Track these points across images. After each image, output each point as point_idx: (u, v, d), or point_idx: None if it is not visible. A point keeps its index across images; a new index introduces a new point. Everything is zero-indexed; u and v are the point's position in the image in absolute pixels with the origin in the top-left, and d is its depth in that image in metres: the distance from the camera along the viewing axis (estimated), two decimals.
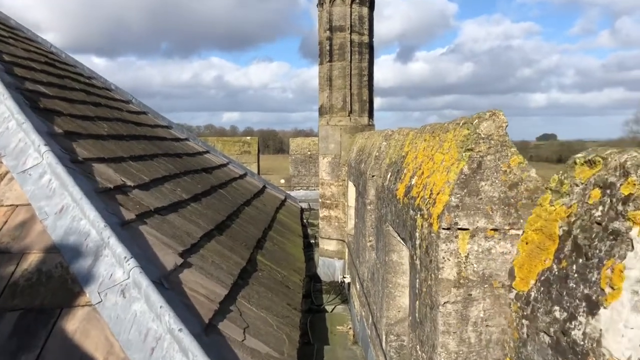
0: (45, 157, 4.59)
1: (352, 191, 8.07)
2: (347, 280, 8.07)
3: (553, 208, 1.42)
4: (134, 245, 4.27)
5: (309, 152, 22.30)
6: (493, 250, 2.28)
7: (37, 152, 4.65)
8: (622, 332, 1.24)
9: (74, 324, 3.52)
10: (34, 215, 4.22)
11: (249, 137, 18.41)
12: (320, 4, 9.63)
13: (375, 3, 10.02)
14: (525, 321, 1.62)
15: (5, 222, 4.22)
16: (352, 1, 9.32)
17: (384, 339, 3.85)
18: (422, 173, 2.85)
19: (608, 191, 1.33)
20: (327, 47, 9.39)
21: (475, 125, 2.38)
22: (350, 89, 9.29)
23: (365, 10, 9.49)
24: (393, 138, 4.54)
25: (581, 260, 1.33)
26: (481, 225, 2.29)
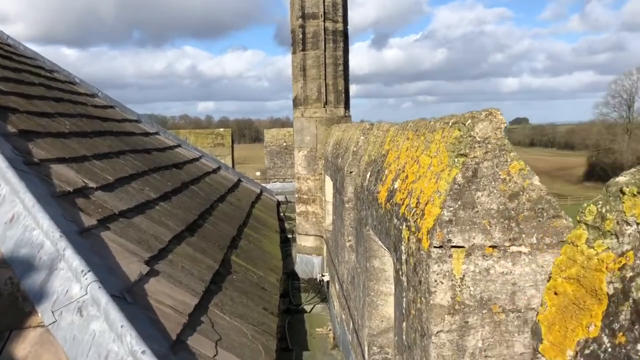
0: None
1: (329, 186, 7.79)
2: (326, 278, 7.82)
3: (593, 252, 1.14)
4: (94, 255, 3.94)
5: (284, 143, 21.86)
6: (492, 271, 2.02)
7: None
8: None
9: (24, 348, 3.19)
10: None
11: (222, 129, 17.95)
12: None
13: None
14: None
15: None
16: None
17: (366, 349, 3.60)
18: (407, 177, 2.57)
19: None
20: (300, 36, 9.04)
21: (468, 126, 2.10)
22: (325, 79, 8.97)
23: None
24: (372, 134, 4.27)
25: None
26: (478, 242, 2.03)
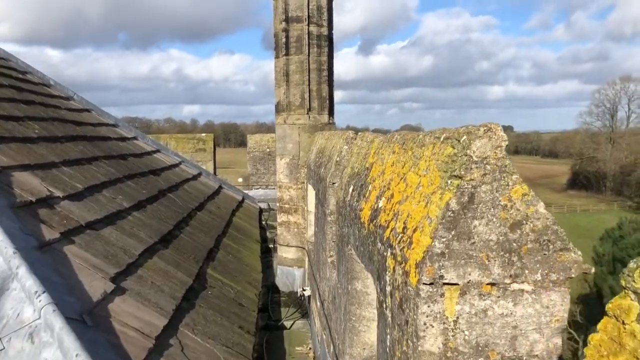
0: None
1: (311, 195, 7.52)
2: (307, 293, 7.53)
3: None
4: (53, 272, 3.62)
5: (268, 149, 21.47)
6: (490, 312, 1.76)
7: None
8: None
9: None
10: None
11: (204, 134, 17.57)
12: None
13: None
14: None
15: None
16: None
17: None
18: (392, 196, 2.31)
19: None
20: (284, 40, 8.76)
21: (464, 143, 1.84)
22: (309, 85, 8.69)
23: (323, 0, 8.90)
24: (355, 144, 4.01)
25: None
26: (474, 279, 1.76)
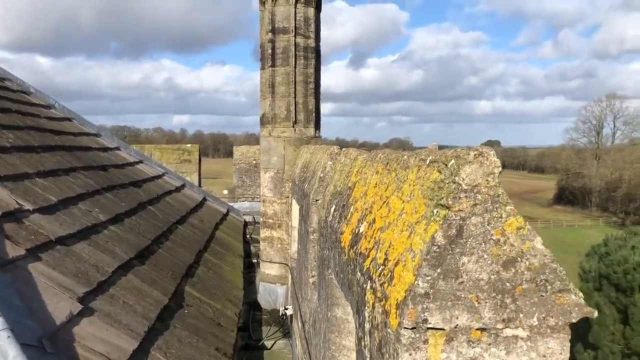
0: None
1: (296, 210, 7.33)
2: (290, 312, 7.32)
3: None
4: (14, 293, 3.40)
5: (254, 161, 21.24)
6: None
7: None
8: None
9: None
10: None
11: (189, 145, 17.35)
12: (262, 3, 8.84)
13: (324, 6, 9.35)
14: None
15: None
16: (297, 1, 8.57)
17: None
18: (374, 221, 2.13)
19: None
20: (270, 51, 8.60)
21: (452, 169, 1.66)
22: (295, 97, 8.53)
23: (311, 11, 8.75)
24: (339, 161, 3.84)
25: None
26: (463, 323, 1.57)
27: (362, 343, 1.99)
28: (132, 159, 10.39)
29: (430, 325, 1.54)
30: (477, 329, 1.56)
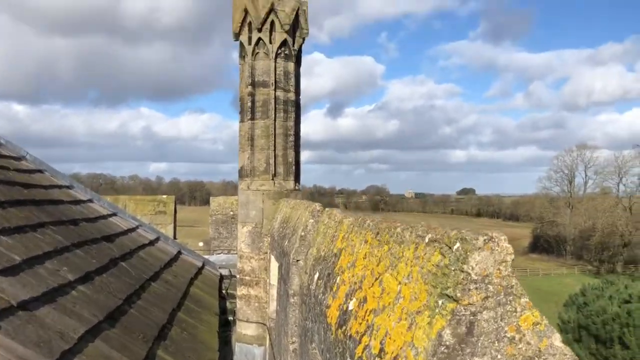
0: None
1: (274, 267, 7.09)
2: None
3: None
4: None
5: (231, 212, 20.93)
6: None
7: None
8: None
9: None
10: None
11: (164, 196, 17.06)
12: (242, 57, 8.83)
13: (304, 60, 9.39)
14: None
15: None
16: (277, 55, 8.58)
17: None
18: (365, 299, 1.96)
19: None
20: (249, 104, 8.54)
21: (458, 254, 1.50)
22: (275, 150, 8.42)
23: (291, 65, 8.76)
24: (322, 221, 3.68)
25: None
26: None
27: None
28: (105, 211, 10.10)
29: None
30: None
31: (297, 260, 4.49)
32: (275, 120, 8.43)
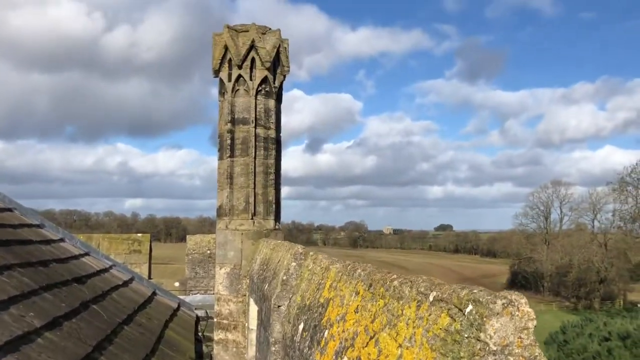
0: None
1: (253, 310, 6.82)
2: None
3: None
4: None
5: (208, 251, 20.46)
6: None
7: None
8: None
9: None
10: None
11: (140, 234, 16.66)
12: (222, 93, 8.71)
13: (284, 97, 9.31)
14: None
15: None
16: (257, 92, 8.48)
17: None
18: None
19: None
20: (229, 141, 8.38)
21: (472, 319, 1.33)
22: (255, 188, 8.23)
23: (271, 102, 8.66)
24: (306, 266, 3.49)
25: None
26: None
27: None
28: (77, 251, 9.74)
29: None
30: None
31: (279, 306, 4.27)
32: (255, 157, 8.28)
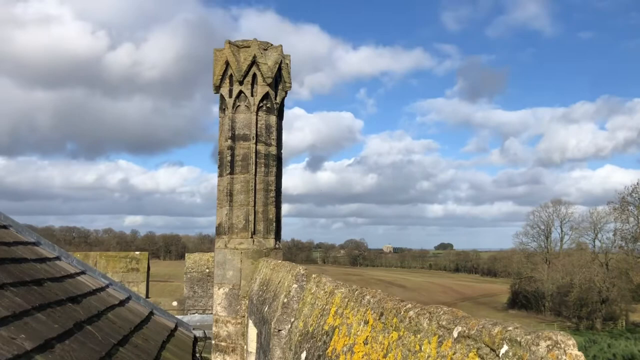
0: None
1: (252, 333, 6.62)
2: None
3: None
4: None
5: (207, 270, 20.10)
6: None
7: None
8: None
9: None
10: None
11: (138, 253, 16.43)
12: (222, 109, 8.59)
13: (285, 114, 9.19)
14: None
15: None
16: (259, 108, 8.35)
17: None
18: None
19: None
20: (229, 158, 8.23)
21: None
22: (255, 206, 8.06)
23: (273, 119, 8.53)
24: (309, 289, 3.32)
25: None
26: None
27: None
28: (73, 270, 9.55)
29: None
30: None
31: (279, 331, 4.09)
32: (255, 174, 8.12)
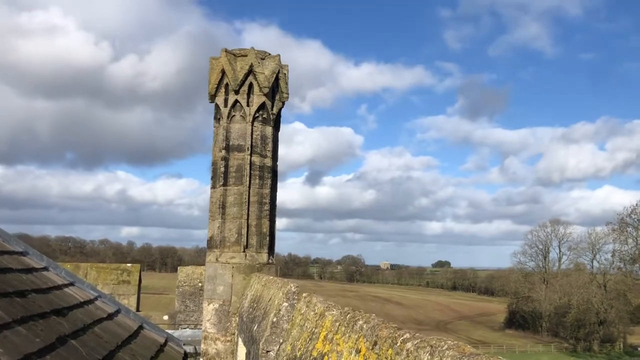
0: None
1: (242, 352, 6.36)
2: None
3: None
4: None
5: (199, 284, 19.74)
6: None
7: None
8: None
9: None
10: None
11: (129, 264, 16.15)
12: (217, 119, 8.40)
13: (283, 126, 9.00)
14: None
15: None
16: (255, 119, 8.16)
17: None
18: None
19: None
20: (222, 169, 8.02)
21: None
22: (248, 219, 7.83)
23: (269, 129, 8.33)
24: (299, 310, 3.10)
25: None
26: None
27: None
28: (61, 281, 9.28)
29: None
30: None
31: (267, 352, 3.85)
32: (249, 186, 7.90)
